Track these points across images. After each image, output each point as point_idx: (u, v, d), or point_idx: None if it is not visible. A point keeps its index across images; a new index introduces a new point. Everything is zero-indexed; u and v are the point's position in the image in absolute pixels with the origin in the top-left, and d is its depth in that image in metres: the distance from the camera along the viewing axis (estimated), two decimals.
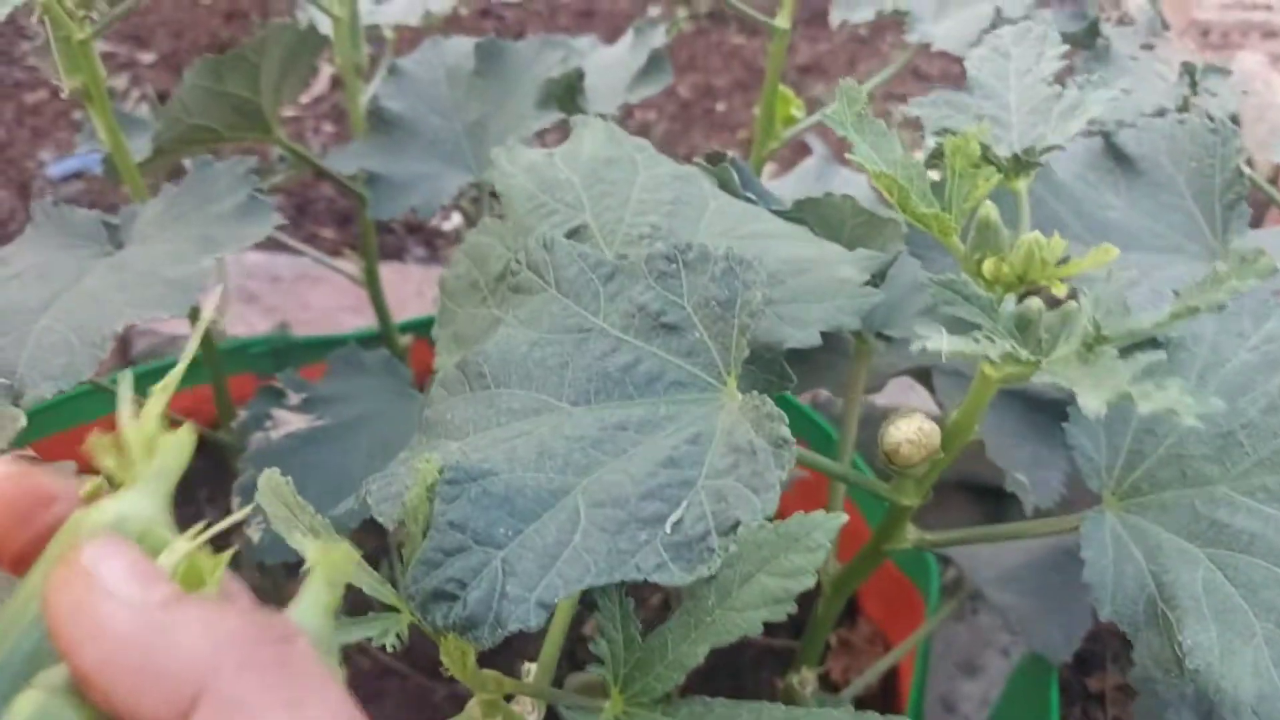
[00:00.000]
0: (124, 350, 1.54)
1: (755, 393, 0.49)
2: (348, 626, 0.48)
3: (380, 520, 0.50)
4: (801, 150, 1.87)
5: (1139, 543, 0.55)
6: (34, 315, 0.62)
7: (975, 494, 1.30)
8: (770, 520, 0.44)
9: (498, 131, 0.87)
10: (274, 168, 1.09)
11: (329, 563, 0.30)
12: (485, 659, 0.53)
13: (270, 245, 1.79)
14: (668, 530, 0.45)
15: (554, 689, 0.49)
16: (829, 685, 1.12)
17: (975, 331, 0.44)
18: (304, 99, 2.15)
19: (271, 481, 0.51)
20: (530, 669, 0.58)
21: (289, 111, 2.09)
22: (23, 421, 0.54)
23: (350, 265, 1.50)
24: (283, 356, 1.29)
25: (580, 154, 0.67)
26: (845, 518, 0.42)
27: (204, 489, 1.31)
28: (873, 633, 1.19)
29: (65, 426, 1.23)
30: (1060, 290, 0.47)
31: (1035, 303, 0.47)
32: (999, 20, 0.89)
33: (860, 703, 1.12)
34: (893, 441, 0.53)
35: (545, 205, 0.64)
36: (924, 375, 0.79)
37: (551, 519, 0.46)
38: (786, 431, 0.46)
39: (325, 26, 1.20)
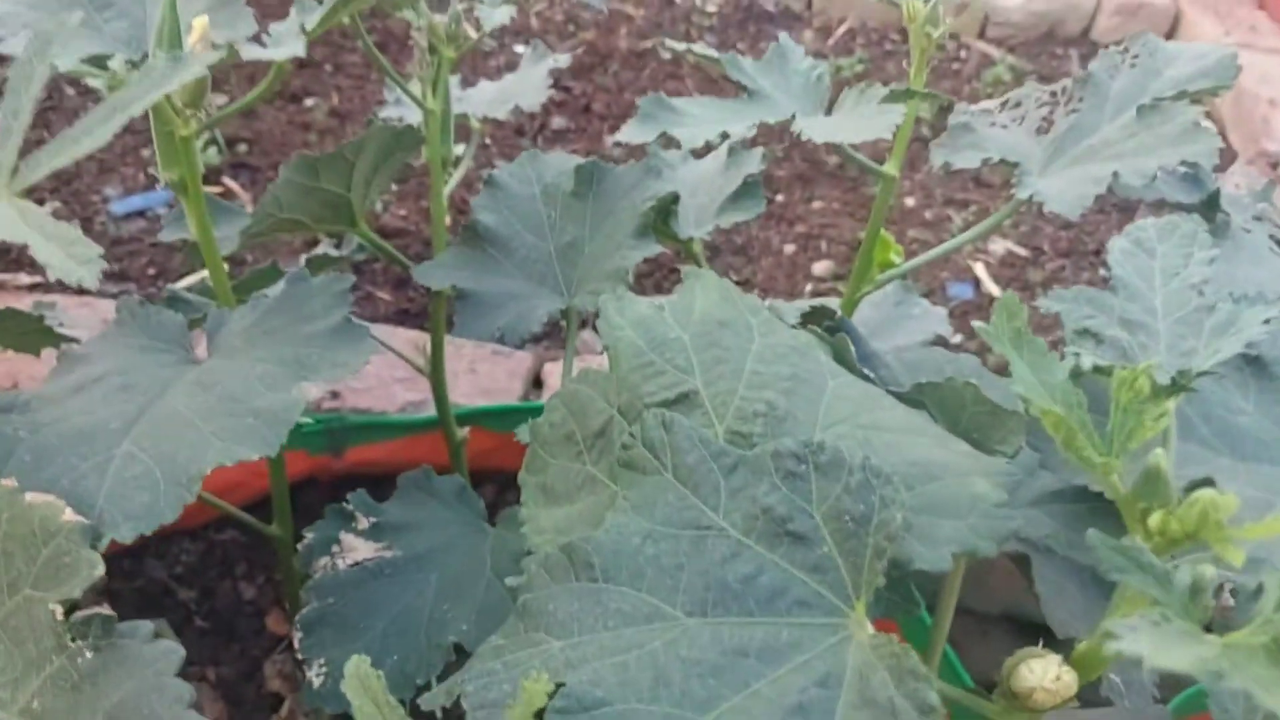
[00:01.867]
0: None
1: (894, 639, 0.45)
2: None
3: None
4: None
5: None
6: (116, 438, 0.60)
7: (1020, 628, 1.26)
8: None
9: (592, 255, 0.84)
10: (350, 256, 1.07)
11: None
12: None
13: None
14: None
15: None
16: None
17: (1154, 611, 0.40)
18: None
19: (359, 671, 0.48)
20: None
21: None
22: (100, 569, 0.51)
23: (404, 339, 1.48)
24: (336, 436, 1.26)
25: (692, 311, 0.64)
26: None
27: (241, 564, 1.28)
28: None
29: None
30: (1235, 558, 0.44)
31: (1209, 570, 0.43)
32: (1116, 184, 0.86)
33: None
34: (1025, 686, 0.49)
35: (653, 364, 0.62)
36: (1022, 561, 0.75)
37: None
38: (934, 697, 0.42)
39: (412, 115, 1.19)
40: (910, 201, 2.23)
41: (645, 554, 0.50)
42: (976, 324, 0.51)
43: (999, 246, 2.12)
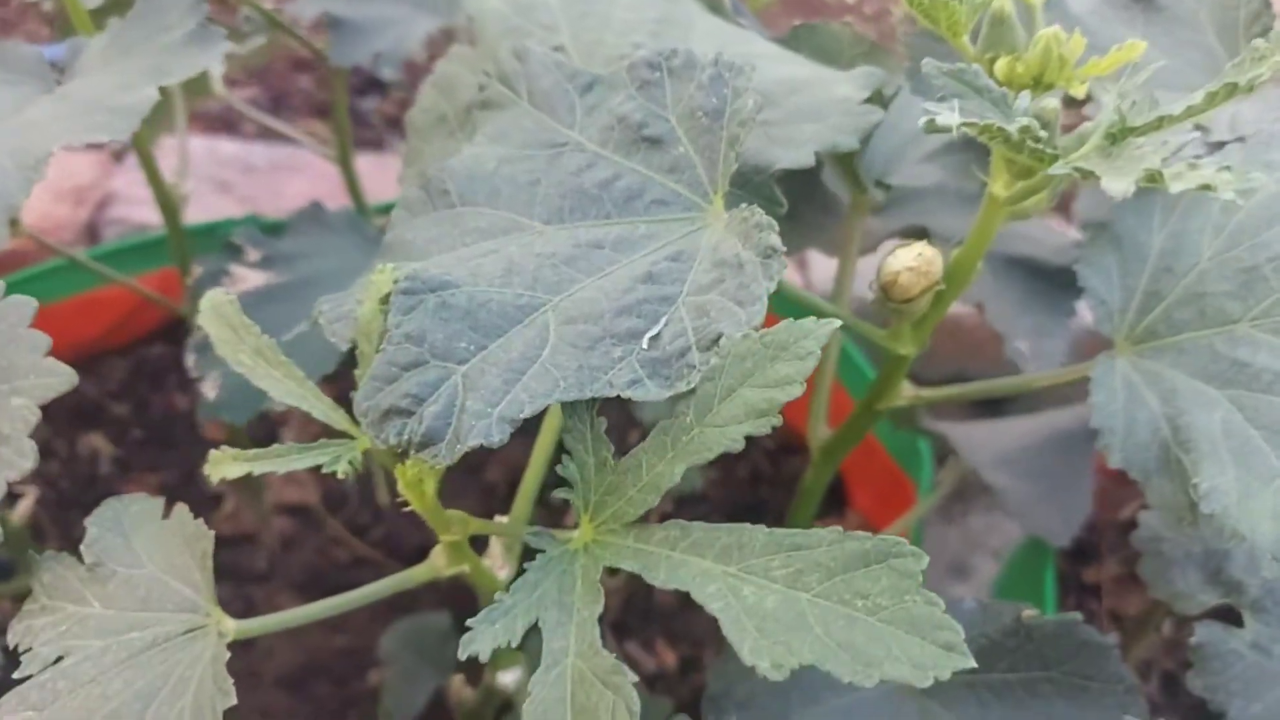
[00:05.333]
0: (92, 237, 1.50)
1: (744, 205, 0.44)
2: (296, 454, 0.44)
3: (333, 341, 0.46)
4: None
5: (1153, 387, 0.51)
6: None
7: (981, 400, 1.27)
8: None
9: None
10: (240, 36, 1.03)
11: None
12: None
13: (245, 132, 1.72)
14: (644, 346, 0.41)
15: (521, 524, 0.46)
16: None
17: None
18: None
19: (215, 301, 0.47)
20: (503, 522, 0.55)
21: None
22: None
23: (327, 148, 1.44)
24: None
25: None
26: (838, 322, 0.38)
27: (172, 376, 1.27)
28: (861, 525, 1.17)
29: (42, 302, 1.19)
30: (1079, 92, 0.43)
31: (1052, 102, 0.42)
32: None
33: None
34: (891, 270, 0.49)
35: (519, 28, 0.59)
36: (920, 235, 0.74)
37: (518, 335, 0.42)
38: (777, 240, 0.42)
39: None
40: None
41: (501, 175, 0.49)
42: None
43: None
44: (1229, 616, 0.57)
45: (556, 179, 0.48)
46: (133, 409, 1.23)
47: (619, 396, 0.41)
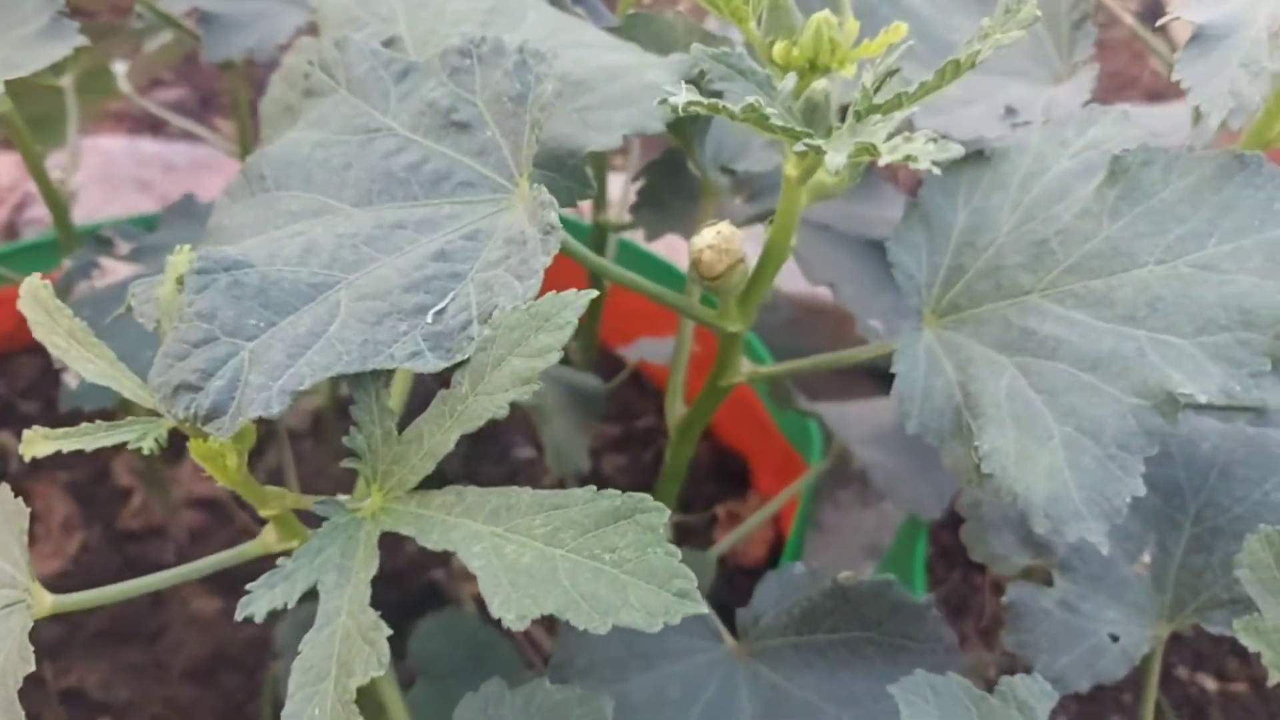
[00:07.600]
0: (11, 237, 1.50)
1: (535, 185, 0.46)
2: (104, 431, 0.46)
3: (141, 322, 0.47)
4: None
5: (951, 356, 0.54)
6: None
7: (879, 378, 1.30)
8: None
9: None
10: (135, 34, 1.04)
11: None
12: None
13: (171, 133, 1.72)
14: (429, 320, 0.43)
15: (314, 496, 0.48)
16: None
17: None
18: None
19: (31, 287, 0.48)
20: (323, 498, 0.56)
21: None
22: None
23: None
24: None
25: None
26: (594, 293, 0.40)
27: None
28: (763, 503, 1.19)
29: None
30: (850, 73, 0.45)
31: (821, 84, 0.44)
32: None
33: (740, 568, 1.12)
34: (696, 249, 0.51)
35: (358, 19, 0.61)
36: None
37: (309, 312, 0.44)
38: (555, 218, 0.44)
39: None
40: None
41: (315, 159, 0.51)
42: None
43: None
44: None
45: (367, 163, 0.50)
46: (43, 407, 1.24)
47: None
